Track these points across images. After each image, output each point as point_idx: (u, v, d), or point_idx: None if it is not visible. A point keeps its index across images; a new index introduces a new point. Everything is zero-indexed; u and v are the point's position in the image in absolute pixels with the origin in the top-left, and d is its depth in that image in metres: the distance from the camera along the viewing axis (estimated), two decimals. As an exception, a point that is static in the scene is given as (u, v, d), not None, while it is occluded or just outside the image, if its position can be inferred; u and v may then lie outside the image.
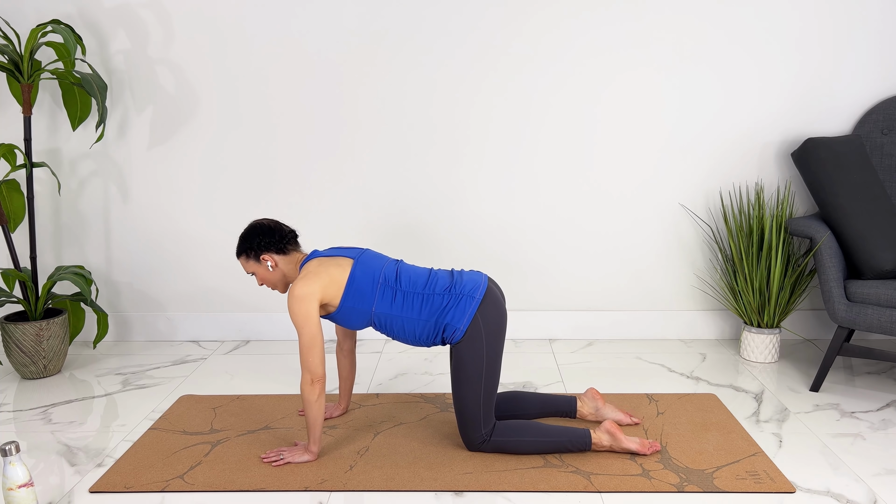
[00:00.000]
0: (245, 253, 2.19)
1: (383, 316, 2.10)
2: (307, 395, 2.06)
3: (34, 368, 2.87)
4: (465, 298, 2.07)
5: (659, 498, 1.94)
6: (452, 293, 2.08)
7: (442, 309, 2.07)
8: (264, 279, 2.21)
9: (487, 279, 2.15)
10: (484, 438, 2.13)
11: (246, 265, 2.21)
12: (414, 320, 2.09)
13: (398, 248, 3.23)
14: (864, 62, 3.02)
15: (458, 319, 2.06)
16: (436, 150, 3.14)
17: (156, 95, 3.13)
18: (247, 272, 2.25)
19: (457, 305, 2.06)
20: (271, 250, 2.17)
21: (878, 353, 2.52)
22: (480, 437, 2.12)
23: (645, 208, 3.18)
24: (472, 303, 2.06)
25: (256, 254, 2.17)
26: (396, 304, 2.09)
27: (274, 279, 2.20)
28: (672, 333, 3.28)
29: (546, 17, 3.01)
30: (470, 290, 2.08)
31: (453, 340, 2.08)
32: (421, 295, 2.09)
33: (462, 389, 2.10)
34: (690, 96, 3.07)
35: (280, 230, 2.19)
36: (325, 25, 3.04)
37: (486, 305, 2.08)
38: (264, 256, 2.17)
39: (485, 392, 2.10)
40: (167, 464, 2.15)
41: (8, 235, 2.88)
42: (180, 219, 3.24)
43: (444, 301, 2.07)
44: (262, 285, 2.39)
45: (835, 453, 2.18)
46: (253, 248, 2.17)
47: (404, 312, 2.09)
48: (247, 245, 2.18)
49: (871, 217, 2.65)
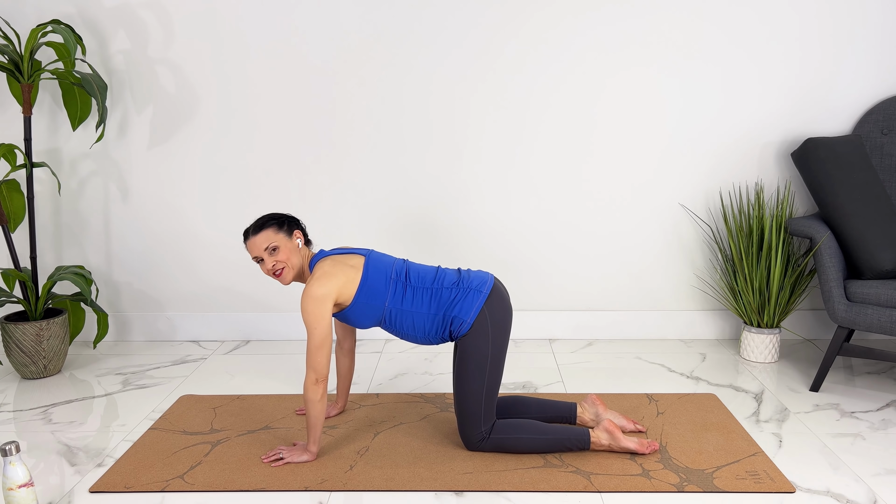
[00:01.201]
0: (278, 224, 2.13)
1: (395, 311, 2.11)
2: (310, 394, 2.06)
3: (34, 368, 2.87)
4: (472, 292, 2.09)
5: (659, 498, 1.94)
6: (460, 287, 2.11)
7: (450, 302, 2.09)
8: (285, 258, 2.11)
9: (494, 277, 2.18)
10: (483, 436, 2.13)
11: (273, 237, 2.10)
12: (423, 315, 2.10)
13: (398, 247, 3.23)
14: (864, 62, 3.02)
15: (466, 312, 2.07)
16: (434, 150, 3.14)
17: (156, 95, 3.13)
18: (262, 249, 2.10)
19: (464, 299, 2.08)
20: (302, 232, 2.19)
21: (878, 353, 2.52)
22: (480, 434, 2.13)
23: (645, 208, 3.18)
24: (480, 296, 2.09)
25: (290, 228, 2.15)
26: (407, 299, 2.11)
27: (293, 261, 2.13)
28: (672, 333, 3.28)
29: (545, 17, 3.01)
30: (477, 285, 2.11)
31: (460, 333, 2.09)
32: (430, 290, 2.11)
33: (465, 384, 2.10)
34: (690, 96, 3.07)
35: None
36: (324, 25, 3.04)
37: (493, 300, 2.10)
38: (297, 232, 2.17)
39: (487, 388, 2.10)
40: (167, 464, 2.15)
41: (8, 235, 2.88)
42: (180, 218, 3.24)
43: (452, 294, 2.09)
44: (272, 268, 2.13)
45: (835, 453, 2.18)
46: (287, 222, 2.15)
47: (414, 307, 2.10)
48: (282, 218, 2.15)
49: (871, 217, 2.65)
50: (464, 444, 2.19)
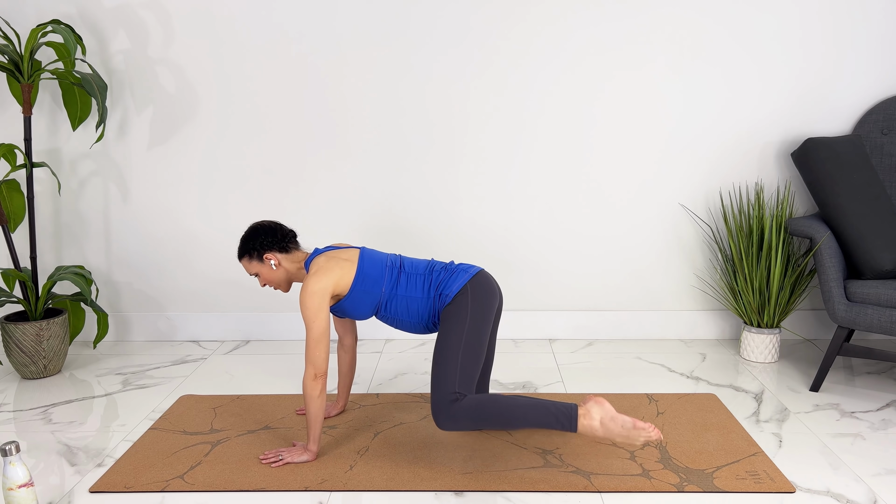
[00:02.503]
0: (248, 254, 2.22)
1: (391, 296, 2.16)
2: (309, 390, 2.07)
3: (34, 368, 2.87)
4: (460, 272, 2.16)
5: (659, 498, 1.94)
6: (449, 269, 2.18)
7: (439, 282, 2.15)
8: (268, 279, 2.24)
9: (483, 269, 2.24)
10: (458, 396, 1.98)
11: (249, 266, 2.23)
12: (418, 299, 2.15)
13: (398, 247, 3.23)
14: (864, 62, 3.02)
15: (452, 287, 2.13)
16: (433, 150, 3.14)
17: (156, 95, 3.13)
18: (250, 274, 2.27)
19: (451, 277, 2.15)
20: (274, 249, 2.20)
21: (878, 353, 2.52)
22: (453, 392, 1.98)
23: (645, 208, 3.18)
24: (466, 275, 2.15)
25: (259, 253, 2.20)
26: (401, 285, 2.16)
27: (278, 278, 2.23)
28: (672, 333, 3.28)
29: (542, 15, 3.01)
30: (466, 268, 2.19)
31: (443, 306, 2.13)
32: (423, 275, 2.18)
33: (439, 352, 2.04)
34: (690, 96, 3.07)
35: (281, 229, 2.24)
36: (323, 26, 3.04)
37: (477, 280, 2.15)
38: (267, 255, 2.20)
39: (464, 356, 2.02)
40: (167, 464, 2.15)
41: (8, 235, 2.88)
42: (180, 218, 3.24)
43: (442, 275, 2.17)
44: (265, 286, 2.38)
45: (835, 453, 2.18)
46: (255, 248, 2.20)
47: (409, 292, 2.15)
48: (249, 246, 2.21)
49: (871, 217, 2.65)
50: (434, 414, 2.01)
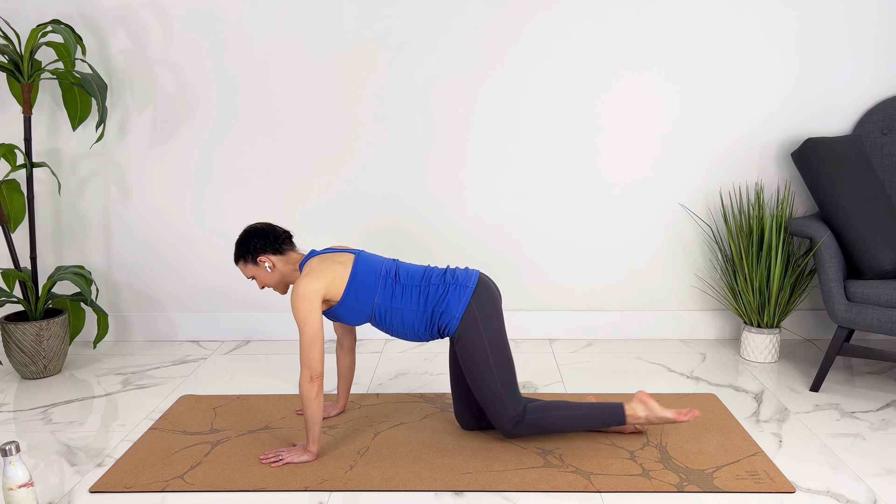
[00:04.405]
0: (242, 257, 2.22)
1: (384, 308, 2.13)
2: (306, 392, 2.07)
3: (34, 368, 2.87)
4: (459, 287, 2.13)
5: (659, 498, 1.94)
6: (447, 281, 2.14)
7: (438, 298, 2.12)
8: (264, 282, 2.24)
9: (480, 273, 2.21)
10: (517, 419, 2.13)
11: (245, 269, 2.24)
12: (413, 311, 2.13)
13: (398, 247, 3.23)
14: (863, 62, 3.02)
15: (454, 307, 2.10)
16: (435, 151, 3.14)
17: (156, 95, 3.13)
18: (246, 277, 2.28)
19: (450, 293, 2.11)
20: (267, 251, 2.20)
21: (878, 353, 2.52)
22: (512, 417, 2.12)
23: (645, 208, 3.18)
24: (466, 291, 2.12)
25: (253, 256, 2.20)
26: (396, 296, 2.13)
27: (273, 281, 2.23)
28: (672, 333, 3.28)
29: (546, 18, 3.01)
30: (463, 280, 2.15)
31: (450, 331, 2.11)
32: (418, 287, 2.14)
33: (477, 380, 2.12)
34: (690, 96, 3.07)
35: (274, 231, 2.23)
36: (324, 26, 3.04)
37: (479, 293, 2.13)
38: (261, 258, 2.19)
39: (499, 373, 2.11)
40: (167, 464, 2.15)
41: (8, 235, 2.88)
42: (180, 219, 3.24)
43: (440, 290, 2.13)
44: (262, 288, 2.39)
45: (835, 453, 2.18)
46: (249, 251, 2.20)
47: (403, 304, 2.13)
48: (243, 249, 2.21)
49: (871, 217, 2.64)
50: (503, 435, 2.19)
